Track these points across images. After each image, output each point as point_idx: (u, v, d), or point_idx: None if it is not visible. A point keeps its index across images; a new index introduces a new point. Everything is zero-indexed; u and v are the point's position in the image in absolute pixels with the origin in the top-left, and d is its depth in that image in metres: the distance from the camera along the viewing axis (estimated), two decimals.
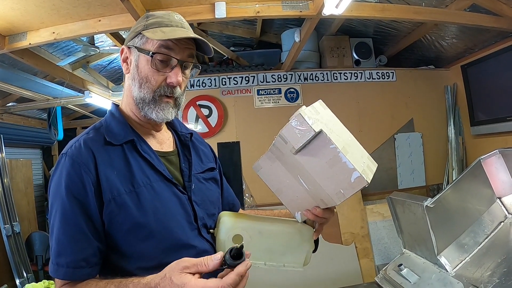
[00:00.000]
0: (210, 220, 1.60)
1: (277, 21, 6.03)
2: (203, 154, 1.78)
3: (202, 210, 1.56)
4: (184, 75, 1.51)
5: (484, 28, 4.42)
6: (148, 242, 1.38)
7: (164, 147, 1.63)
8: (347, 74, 5.72)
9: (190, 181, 1.57)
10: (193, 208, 1.52)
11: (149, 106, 1.47)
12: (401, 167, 5.72)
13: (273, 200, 5.28)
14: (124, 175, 1.41)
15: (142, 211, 1.37)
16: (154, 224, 1.38)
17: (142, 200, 1.38)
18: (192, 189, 1.56)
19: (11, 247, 5.43)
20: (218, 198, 1.76)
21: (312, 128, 1.32)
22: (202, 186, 1.64)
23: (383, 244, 5.23)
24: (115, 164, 1.41)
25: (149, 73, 1.45)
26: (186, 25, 1.54)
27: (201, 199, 1.58)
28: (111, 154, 1.43)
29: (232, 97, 5.51)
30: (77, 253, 1.30)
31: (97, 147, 1.42)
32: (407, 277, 2.49)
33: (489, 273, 2.03)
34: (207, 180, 1.70)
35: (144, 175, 1.44)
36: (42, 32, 3.83)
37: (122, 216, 1.36)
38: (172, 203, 1.46)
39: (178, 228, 1.44)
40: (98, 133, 1.48)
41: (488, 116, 5.14)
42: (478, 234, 2.36)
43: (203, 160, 1.75)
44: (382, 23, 5.41)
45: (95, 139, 1.45)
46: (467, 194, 2.42)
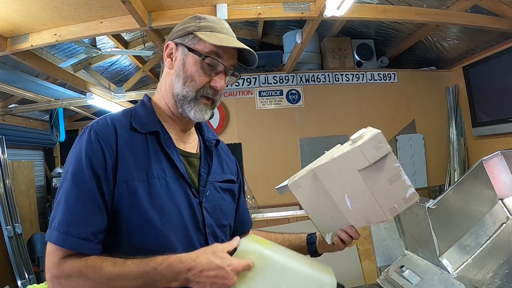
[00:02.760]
0: (220, 230, 1.57)
1: (279, 22, 6.04)
2: (225, 164, 1.76)
3: (212, 218, 1.53)
4: (226, 81, 1.54)
5: (486, 29, 4.43)
6: (148, 234, 1.35)
7: (187, 147, 1.60)
8: (349, 75, 5.73)
9: (205, 186, 1.55)
10: (202, 214, 1.48)
11: (190, 104, 1.49)
12: (402, 169, 5.70)
13: (275, 201, 5.30)
14: (141, 163, 1.39)
15: (151, 202, 1.35)
16: (159, 218, 1.35)
17: (152, 191, 1.36)
18: (206, 195, 1.53)
19: (13, 248, 5.43)
20: (231, 211, 1.70)
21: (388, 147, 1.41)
22: (217, 195, 1.60)
23: (385, 246, 5.22)
24: (135, 150, 1.40)
25: (196, 73, 1.48)
26: (234, 35, 1.56)
27: (212, 207, 1.55)
28: (134, 139, 1.42)
29: (234, 98, 5.51)
30: (90, 225, 1.25)
31: (122, 128, 1.43)
32: (409, 279, 2.48)
33: (491, 275, 2.02)
34: (224, 190, 1.66)
35: (160, 168, 1.42)
36: (44, 34, 3.84)
37: (130, 202, 1.33)
38: (181, 202, 1.43)
39: (182, 227, 1.42)
40: (126, 117, 1.49)
41: (490, 117, 5.13)
42: (480, 236, 2.35)
43: (224, 170, 1.72)
44: (383, 25, 5.41)
45: (122, 121, 1.46)
46: (469, 195, 2.42)
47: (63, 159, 8.60)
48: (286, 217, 5.23)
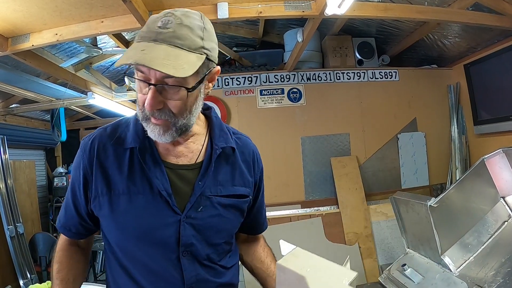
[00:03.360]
0: (209, 249, 1.52)
1: (280, 21, 6.04)
2: (240, 175, 1.62)
3: (200, 235, 1.48)
4: (170, 95, 1.31)
5: (487, 27, 4.42)
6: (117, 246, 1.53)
7: (181, 160, 1.52)
8: (350, 73, 5.72)
9: (193, 203, 1.46)
10: (179, 232, 1.44)
11: (144, 123, 1.40)
12: (404, 167, 5.71)
13: (276, 200, 5.30)
14: (112, 178, 1.46)
15: (115, 219, 1.46)
16: (120, 234, 1.48)
17: (115, 206, 1.45)
18: (198, 211, 1.47)
19: (15, 248, 5.44)
20: (231, 228, 1.63)
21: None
22: (214, 211, 1.51)
23: (386, 244, 5.22)
24: (110, 166, 1.48)
25: (137, 93, 1.38)
26: (169, 32, 1.27)
27: (203, 224, 1.48)
28: (113, 154, 1.48)
29: (235, 97, 5.51)
30: (66, 220, 1.60)
31: (103, 145, 1.50)
32: (410, 277, 2.48)
33: (493, 273, 2.02)
34: (225, 206, 1.54)
35: (133, 184, 1.44)
36: (44, 34, 3.84)
37: (101, 214, 1.50)
38: (147, 220, 1.43)
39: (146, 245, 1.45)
40: (114, 130, 1.54)
41: (492, 115, 5.12)
42: (482, 234, 2.35)
43: (236, 182, 1.59)
44: (384, 23, 5.41)
45: (108, 136, 1.52)
46: (471, 193, 2.42)
47: (64, 158, 8.63)
48: (288, 216, 5.25)
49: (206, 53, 1.34)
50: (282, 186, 5.43)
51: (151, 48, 1.25)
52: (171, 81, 1.28)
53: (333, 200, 5.44)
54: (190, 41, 1.29)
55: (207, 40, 1.35)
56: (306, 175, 5.50)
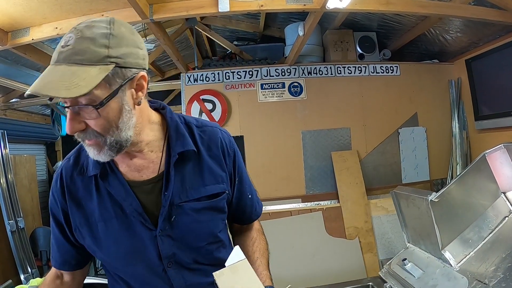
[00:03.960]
0: (193, 253, 1.53)
1: (281, 15, 6.02)
2: (209, 173, 1.57)
3: (181, 243, 1.48)
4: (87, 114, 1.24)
5: (489, 22, 4.40)
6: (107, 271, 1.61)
7: (144, 173, 1.49)
8: (351, 68, 5.71)
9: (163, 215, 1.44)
10: (158, 246, 1.45)
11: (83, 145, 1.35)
12: (405, 162, 5.71)
13: (276, 194, 5.31)
14: (86, 208, 1.47)
15: (98, 245, 1.47)
16: (107, 259, 1.52)
17: (97, 235, 1.46)
18: (172, 221, 1.45)
19: (16, 242, 5.45)
20: (212, 228, 1.58)
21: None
22: (188, 218, 1.49)
23: (387, 239, 5.23)
24: (81, 196, 1.48)
25: None
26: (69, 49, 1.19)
27: (180, 233, 1.47)
28: (80, 184, 1.50)
29: (236, 91, 5.51)
30: (60, 256, 1.58)
31: (70, 178, 1.51)
32: (411, 272, 2.48)
33: (493, 268, 2.02)
34: (199, 210, 1.51)
35: (105, 210, 1.44)
36: (44, 28, 3.84)
37: (85, 244, 1.52)
38: (125, 241, 1.45)
39: (132, 265, 1.48)
40: (76, 160, 1.54)
41: (493, 111, 5.12)
42: (482, 229, 2.35)
43: (206, 182, 1.55)
44: (386, 17, 5.39)
45: (71, 168, 1.53)
46: (472, 188, 2.41)
47: (65, 153, 8.62)
48: (288, 210, 5.25)
49: (114, 62, 1.23)
50: (283, 180, 5.44)
51: (49, 72, 1.20)
52: (83, 100, 1.21)
53: (334, 194, 5.44)
54: (90, 54, 1.19)
55: (115, 47, 1.24)
56: (306, 169, 5.50)
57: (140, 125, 1.39)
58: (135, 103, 1.34)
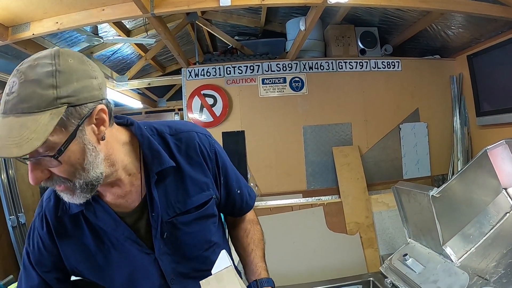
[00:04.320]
0: (192, 262, 1.52)
1: (282, 9, 6.02)
2: (192, 184, 1.51)
3: (178, 257, 1.48)
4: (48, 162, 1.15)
5: (491, 18, 4.38)
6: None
7: (129, 198, 1.42)
8: (352, 63, 5.70)
9: (157, 236, 1.43)
10: (159, 266, 1.46)
11: None
12: (406, 157, 5.71)
13: (277, 189, 5.31)
14: (80, 244, 1.42)
15: (100, 277, 1.46)
16: (114, 286, 1.47)
17: (97, 267, 1.44)
18: (164, 238, 1.44)
19: (17, 238, 5.45)
20: (204, 236, 1.56)
21: None
22: (178, 232, 1.47)
23: (387, 234, 5.23)
24: (72, 234, 1.42)
25: None
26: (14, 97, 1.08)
27: (174, 247, 1.47)
28: (68, 223, 1.42)
29: (237, 86, 5.50)
30: None
31: (55, 219, 1.43)
32: (412, 267, 2.48)
33: (494, 264, 2.02)
34: (188, 223, 1.49)
35: (102, 242, 1.42)
36: (45, 22, 3.82)
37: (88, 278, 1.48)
38: (127, 269, 1.44)
39: None
40: (58, 199, 1.41)
41: (494, 107, 5.11)
42: (483, 225, 2.34)
43: (191, 193, 1.50)
44: (387, 12, 5.38)
45: (55, 208, 1.43)
46: (473, 184, 2.41)
47: None
48: (289, 205, 5.25)
49: (66, 102, 1.11)
50: (284, 175, 5.44)
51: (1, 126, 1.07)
52: (40, 149, 1.09)
53: (335, 189, 5.45)
54: (37, 99, 1.07)
55: (64, 85, 1.11)
56: (307, 164, 5.50)
57: (112, 156, 1.31)
58: (98, 139, 1.23)
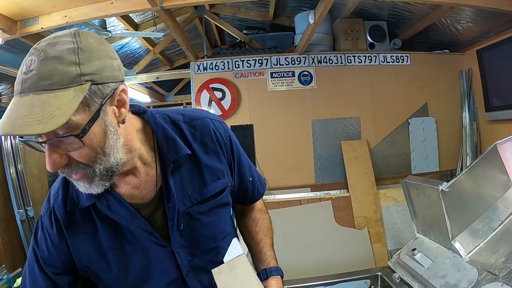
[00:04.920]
0: (208, 255, 1.50)
1: (291, 3, 6.00)
2: (208, 172, 1.49)
3: (194, 249, 1.45)
4: (68, 146, 1.09)
5: (500, 12, 4.35)
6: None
7: (143, 189, 1.38)
8: (361, 57, 5.69)
9: (173, 228, 1.39)
10: (176, 259, 1.42)
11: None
12: (414, 152, 5.69)
13: (286, 183, 5.31)
14: (93, 240, 1.36)
15: (115, 275, 1.39)
16: (129, 282, 1.40)
17: (112, 264, 1.37)
18: (181, 229, 1.40)
19: (25, 231, 5.48)
20: (220, 226, 1.55)
21: None
22: (195, 223, 1.44)
23: (395, 229, 5.22)
24: (84, 229, 1.35)
25: None
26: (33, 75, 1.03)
27: (191, 239, 1.44)
28: (79, 217, 1.35)
29: (246, 80, 5.50)
30: None
31: (64, 214, 1.35)
32: (420, 262, 2.48)
33: (503, 259, 2.01)
34: (205, 212, 1.47)
35: (115, 237, 1.36)
36: (53, 16, 3.83)
37: (99, 278, 1.40)
38: (143, 264, 1.39)
39: (152, 285, 1.42)
40: (65, 193, 1.37)
41: (504, 102, 5.07)
42: (492, 220, 2.33)
43: (208, 182, 1.47)
44: (396, 6, 5.35)
45: (63, 203, 1.36)
46: (482, 179, 2.40)
47: None
48: (298, 199, 5.25)
49: (89, 80, 1.07)
50: (292, 169, 5.45)
51: (15, 106, 1.03)
52: (60, 131, 1.05)
53: (343, 184, 5.44)
54: (60, 76, 1.03)
55: (87, 62, 1.07)
56: (316, 158, 5.50)
57: (129, 142, 1.27)
58: (119, 121, 1.20)
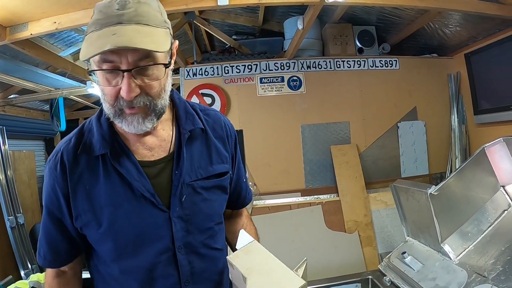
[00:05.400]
0: (203, 235, 1.50)
1: (280, 8, 6.01)
2: (216, 153, 1.58)
3: (190, 225, 1.46)
4: (147, 77, 1.24)
5: (488, 16, 4.39)
6: (107, 264, 1.46)
7: (156, 152, 1.46)
8: (350, 62, 5.71)
9: (175, 194, 1.42)
10: (172, 228, 1.42)
11: (117, 120, 1.31)
12: (404, 156, 5.71)
13: (276, 188, 5.32)
14: (92, 192, 1.38)
15: (102, 230, 1.38)
16: (115, 244, 1.40)
17: (104, 220, 1.38)
18: (182, 201, 1.43)
19: (15, 238, 5.46)
20: (218, 208, 1.60)
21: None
22: (197, 197, 1.48)
23: (386, 232, 5.24)
24: (87, 179, 1.39)
25: (103, 87, 1.26)
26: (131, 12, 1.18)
27: (190, 213, 1.45)
28: (86, 166, 1.39)
29: (235, 85, 5.50)
30: (50, 251, 1.49)
31: (72, 159, 1.40)
32: (410, 265, 2.49)
33: (492, 261, 2.03)
34: (208, 189, 1.51)
35: (115, 192, 1.38)
36: (43, 22, 3.81)
37: (88, 232, 1.42)
38: (139, 224, 1.39)
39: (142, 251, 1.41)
40: (79, 140, 1.43)
41: (492, 105, 5.12)
42: (481, 222, 2.35)
43: (213, 161, 1.55)
44: (385, 11, 5.39)
45: (73, 148, 1.41)
46: (471, 182, 2.42)
47: None
48: (288, 204, 5.26)
49: (168, 27, 1.30)
50: (282, 174, 5.44)
51: (122, 31, 1.15)
52: (145, 62, 1.21)
53: (333, 188, 5.45)
54: (153, 17, 1.22)
55: (164, 14, 1.30)
56: (306, 163, 5.51)
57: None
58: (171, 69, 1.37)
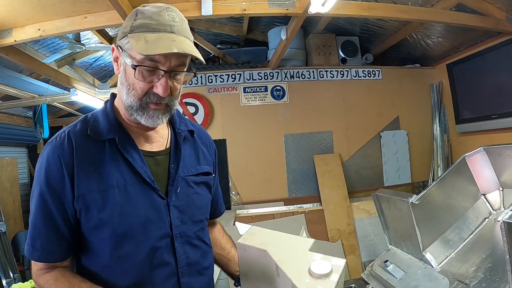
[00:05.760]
0: (196, 226, 1.58)
1: (264, 19, 6.03)
2: (202, 155, 1.72)
3: (185, 215, 1.53)
4: (176, 81, 1.43)
5: (470, 28, 4.46)
6: (110, 242, 1.41)
7: (154, 146, 1.57)
8: (333, 72, 5.75)
9: (174, 185, 1.52)
10: (170, 215, 1.48)
11: (137, 113, 1.42)
12: (387, 165, 5.76)
13: (260, 197, 5.31)
14: (98, 173, 1.40)
15: (105, 212, 1.38)
16: (118, 227, 1.39)
17: (109, 201, 1.39)
18: (177, 192, 1.52)
19: None
20: (207, 204, 1.70)
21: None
22: (190, 190, 1.59)
23: (369, 241, 5.26)
24: (92, 160, 1.42)
25: (135, 81, 1.37)
26: (178, 26, 1.37)
27: (184, 204, 1.54)
28: (92, 149, 1.43)
29: (219, 94, 5.51)
30: (50, 239, 1.39)
31: (80, 140, 1.43)
32: (393, 273, 2.50)
33: (474, 269, 2.04)
34: (198, 184, 1.63)
35: (120, 176, 1.42)
36: (27, 29, 3.80)
37: (88, 214, 1.39)
38: (143, 207, 1.43)
39: (144, 234, 1.42)
40: (85, 125, 1.49)
41: (473, 114, 5.19)
42: (463, 230, 2.37)
43: (201, 161, 1.70)
44: (368, 22, 5.43)
45: (80, 131, 1.46)
46: (452, 190, 2.44)
47: None
48: (271, 213, 5.25)
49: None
50: (265, 183, 5.45)
51: (179, 39, 1.35)
52: (180, 68, 1.40)
53: (316, 197, 5.47)
54: (189, 33, 1.43)
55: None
56: (289, 172, 5.52)
57: None
58: None
